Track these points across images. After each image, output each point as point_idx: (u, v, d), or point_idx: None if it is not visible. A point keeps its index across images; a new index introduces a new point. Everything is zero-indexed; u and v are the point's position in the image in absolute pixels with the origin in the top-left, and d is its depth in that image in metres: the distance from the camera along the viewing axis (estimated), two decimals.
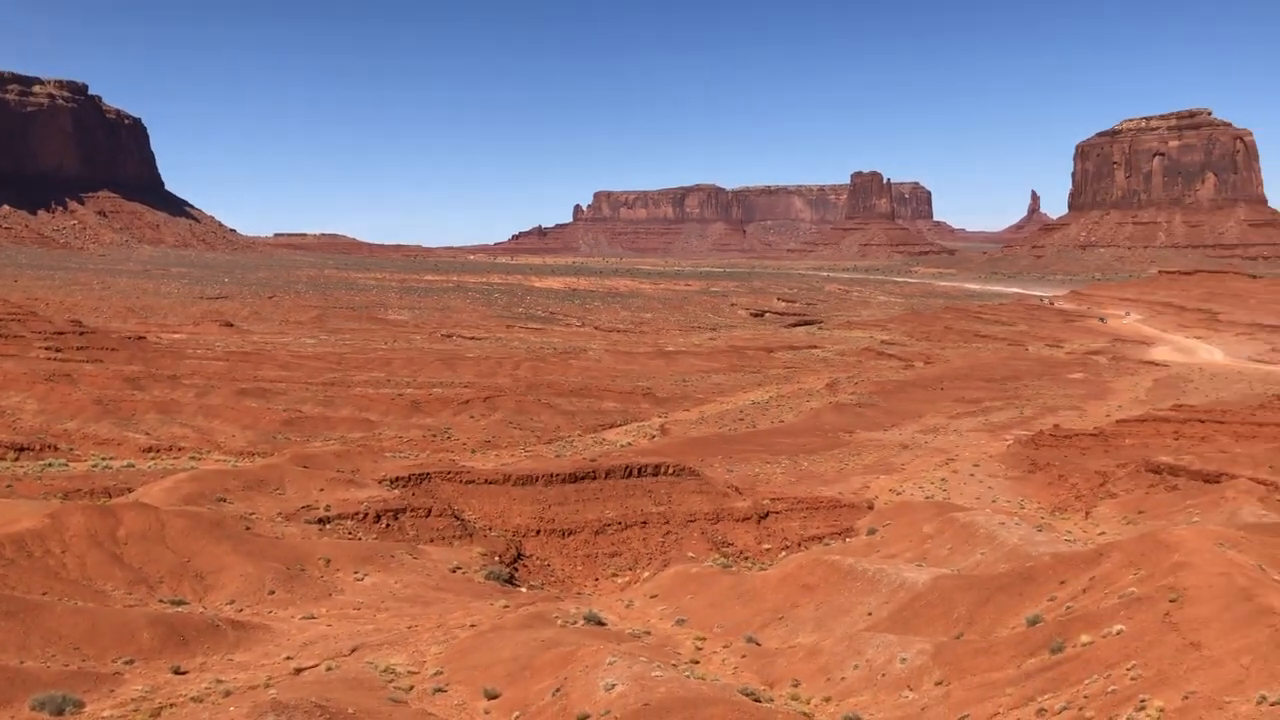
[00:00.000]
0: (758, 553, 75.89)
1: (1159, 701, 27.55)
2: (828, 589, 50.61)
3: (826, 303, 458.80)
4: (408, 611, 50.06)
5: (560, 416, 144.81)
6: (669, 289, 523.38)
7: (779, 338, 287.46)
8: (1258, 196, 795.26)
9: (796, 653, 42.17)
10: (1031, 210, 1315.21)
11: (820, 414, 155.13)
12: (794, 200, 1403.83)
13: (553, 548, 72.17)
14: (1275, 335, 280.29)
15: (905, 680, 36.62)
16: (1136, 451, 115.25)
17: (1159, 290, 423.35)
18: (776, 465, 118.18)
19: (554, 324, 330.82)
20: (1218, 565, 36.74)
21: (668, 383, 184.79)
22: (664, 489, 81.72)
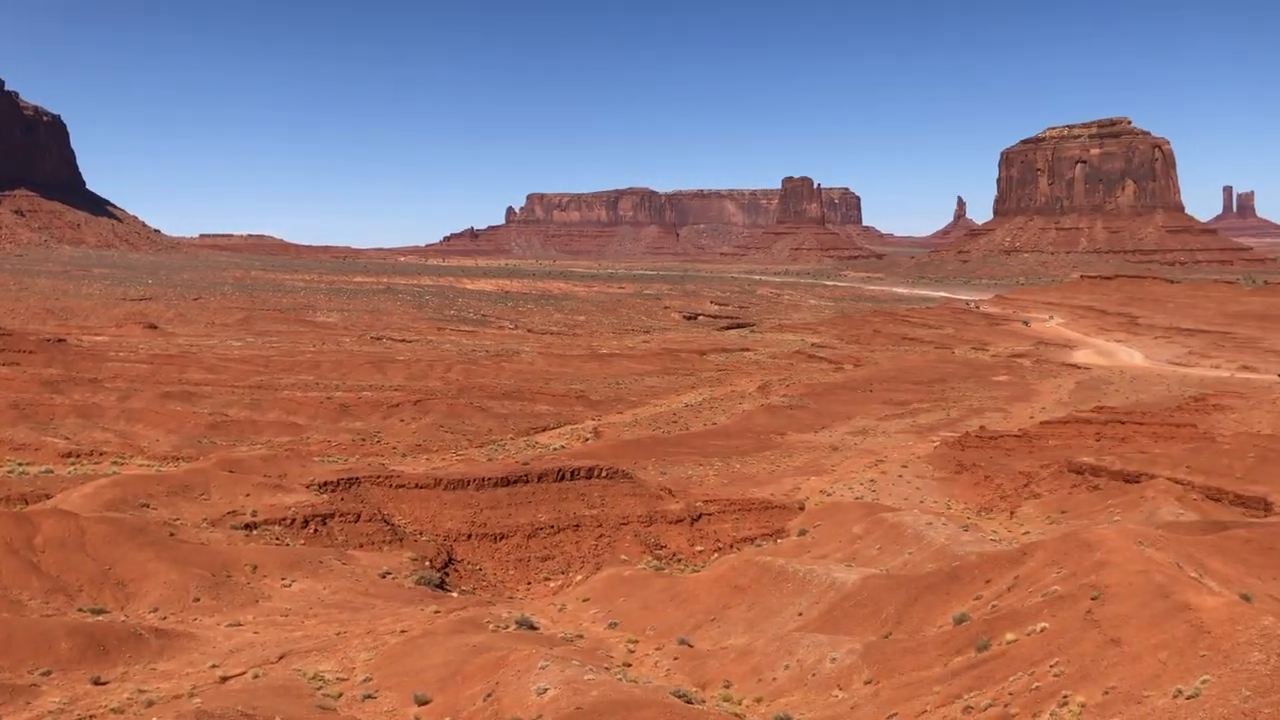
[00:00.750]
0: (690, 555, 76.16)
1: (1081, 697, 28.18)
2: (759, 590, 50.97)
3: (759, 306, 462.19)
4: (337, 618, 49.42)
5: (492, 420, 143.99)
6: (602, 291, 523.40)
7: (712, 340, 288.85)
8: (1175, 204, 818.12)
9: (728, 654, 42.39)
10: (958, 215, 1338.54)
11: (752, 416, 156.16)
12: (726, 204, 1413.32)
13: (485, 552, 71.73)
14: (1192, 339, 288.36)
15: (835, 680, 37.01)
16: (1059, 452, 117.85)
17: (1081, 295, 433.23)
18: (709, 467, 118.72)
19: (486, 326, 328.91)
20: (1137, 563, 37.66)
21: (601, 385, 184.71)
22: (597, 492, 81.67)
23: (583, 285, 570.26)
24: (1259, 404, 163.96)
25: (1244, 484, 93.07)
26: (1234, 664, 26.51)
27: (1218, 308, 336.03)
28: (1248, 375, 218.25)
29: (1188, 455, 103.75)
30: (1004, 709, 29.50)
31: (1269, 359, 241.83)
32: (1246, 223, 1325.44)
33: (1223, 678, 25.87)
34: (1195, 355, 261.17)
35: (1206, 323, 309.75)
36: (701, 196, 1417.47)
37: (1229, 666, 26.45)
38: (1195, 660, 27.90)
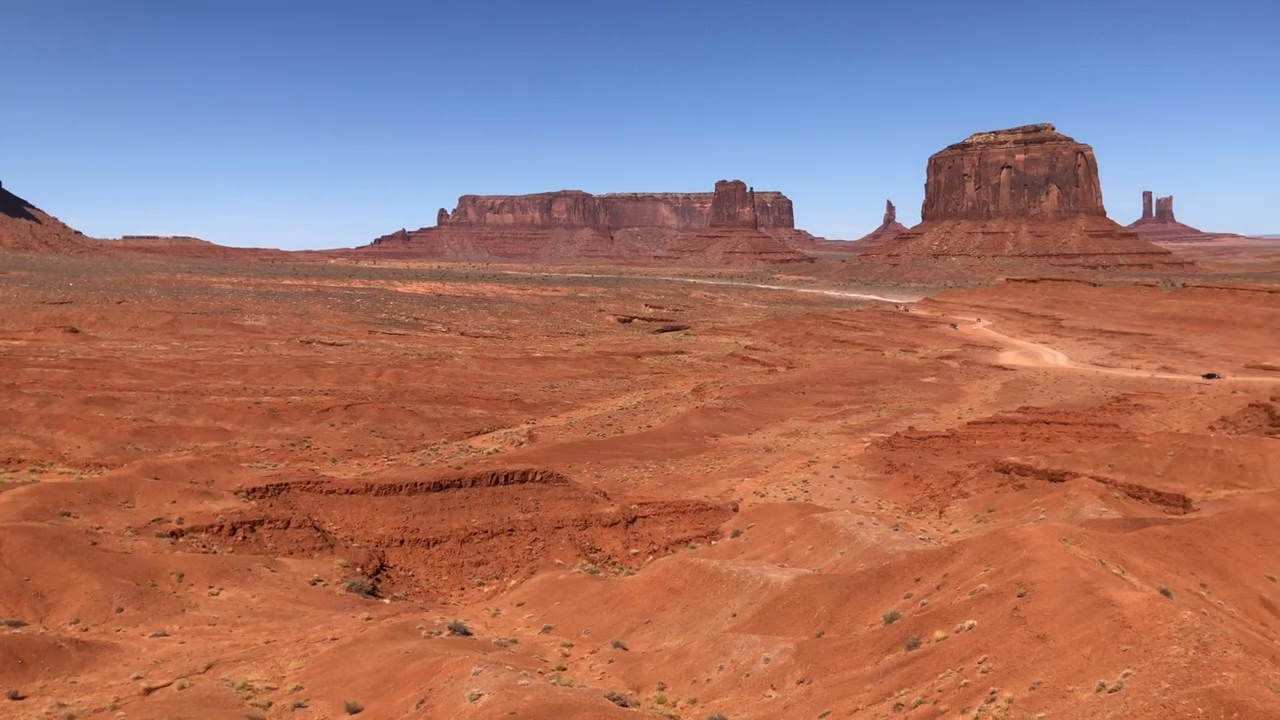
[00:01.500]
0: (625, 558, 76.21)
1: (1008, 693, 28.66)
2: (694, 592, 51.13)
3: (693, 309, 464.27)
4: (266, 626, 48.59)
5: (425, 424, 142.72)
6: (536, 294, 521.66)
7: (647, 343, 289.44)
8: (1097, 208, 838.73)
9: (663, 656, 42.45)
10: (887, 220, 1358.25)
11: (687, 418, 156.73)
12: (660, 207, 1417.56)
13: (417, 558, 71.05)
14: (1114, 340, 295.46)
15: (769, 680, 37.25)
16: (986, 452, 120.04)
17: (1007, 297, 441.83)
18: (644, 470, 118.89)
19: (418, 329, 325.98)
20: (1062, 561, 38.44)
21: (536, 389, 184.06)
22: (531, 496, 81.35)
23: (516, 288, 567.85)
24: (1178, 404, 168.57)
25: (1164, 482, 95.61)
26: (1154, 657, 27.17)
27: (1138, 310, 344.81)
28: (1167, 376, 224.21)
29: (1110, 454, 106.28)
30: (934, 706, 29.91)
31: (1187, 360, 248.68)
32: (1166, 227, 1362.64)
33: (1143, 671, 26.50)
34: (1117, 357, 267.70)
35: (1127, 325, 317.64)
36: (636, 199, 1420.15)
37: (1149, 660, 27.11)
38: (1117, 654, 28.53)
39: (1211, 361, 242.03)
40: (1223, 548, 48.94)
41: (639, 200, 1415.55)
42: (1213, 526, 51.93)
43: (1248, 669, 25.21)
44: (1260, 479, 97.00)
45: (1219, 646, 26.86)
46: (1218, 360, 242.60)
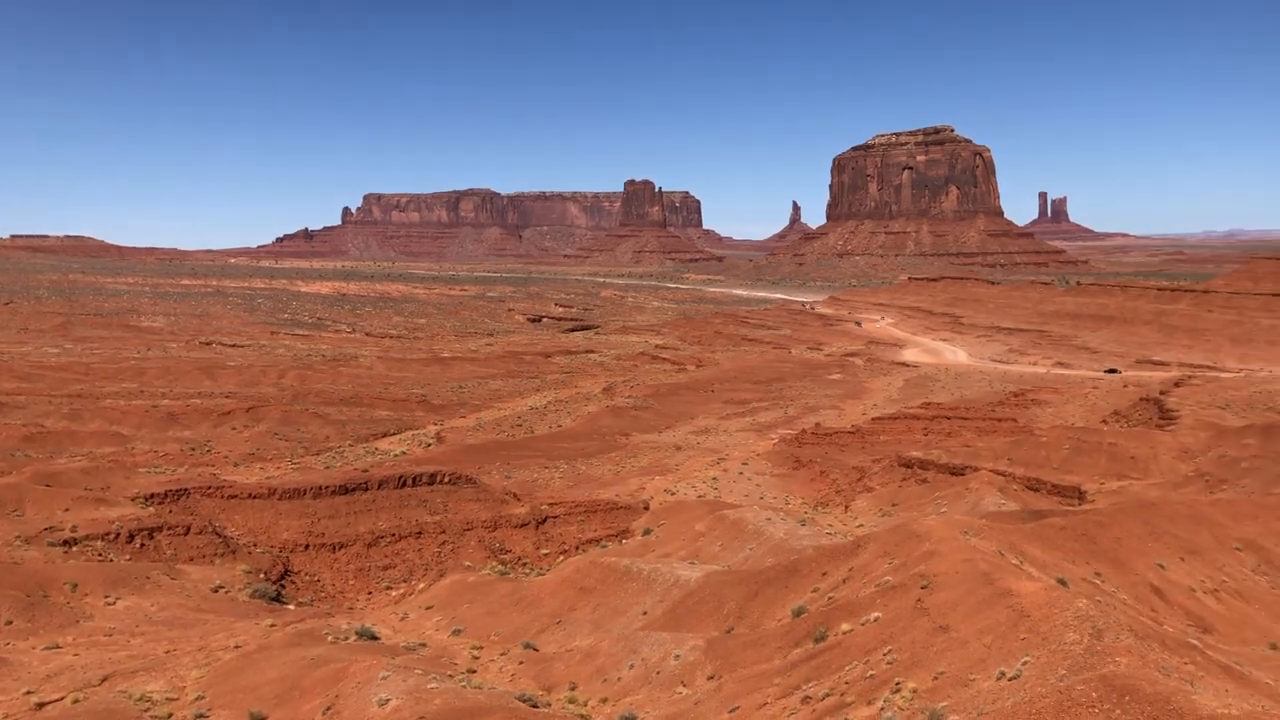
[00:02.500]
0: (536, 558, 75.89)
1: (912, 683, 29.24)
2: (605, 591, 51.15)
3: (603, 308, 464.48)
4: (165, 635, 47.24)
5: (330, 426, 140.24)
6: (444, 294, 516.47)
7: (556, 343, 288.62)
8: (995, 209, 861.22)
9: (574, 656, 42.39)
10: (793, 220, 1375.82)
11: (597, 418, 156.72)
12: (569, 206, 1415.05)
13: (323, 562, 69.78)
14: (1012, 337, 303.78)
15: (679, 677, 37.43)
16: (890, 447, 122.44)
17: (909, 296, 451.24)
18: (555, 470, 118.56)
19: (322, 330, 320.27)
20: (963, 552, 39.36)
21: (444, 389, 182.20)
22: (440, 498, 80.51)
23: (423, 288, 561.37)
24: (1072, 398, 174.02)
25: (1060, 474, 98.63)
26: (1051, 645, 27.98)
27: (1034, 307, 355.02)
28: (1062, 371, 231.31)
29: (1009, 448, 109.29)
30: (840, 698, 30.37)
31: (1081, 356, 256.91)
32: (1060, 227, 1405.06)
33: (1041, 659, 27.27)
34: (1014, 353, 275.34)
35: (1024, 322, 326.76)
36: (544, 198, 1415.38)
37: (1047, 648, 27.90)
38: (1017, 643, 29.32)
39: (1104, 357, 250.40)
40: (1116, 537, 50.62)
41: (547, 199, 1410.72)
42: (1106, 517, 53.70)
43: (1139, 654, 26.11)
44: (1150, 470, 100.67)
45: (1112, 633, 27.78)
46: (1110, 356, 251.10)
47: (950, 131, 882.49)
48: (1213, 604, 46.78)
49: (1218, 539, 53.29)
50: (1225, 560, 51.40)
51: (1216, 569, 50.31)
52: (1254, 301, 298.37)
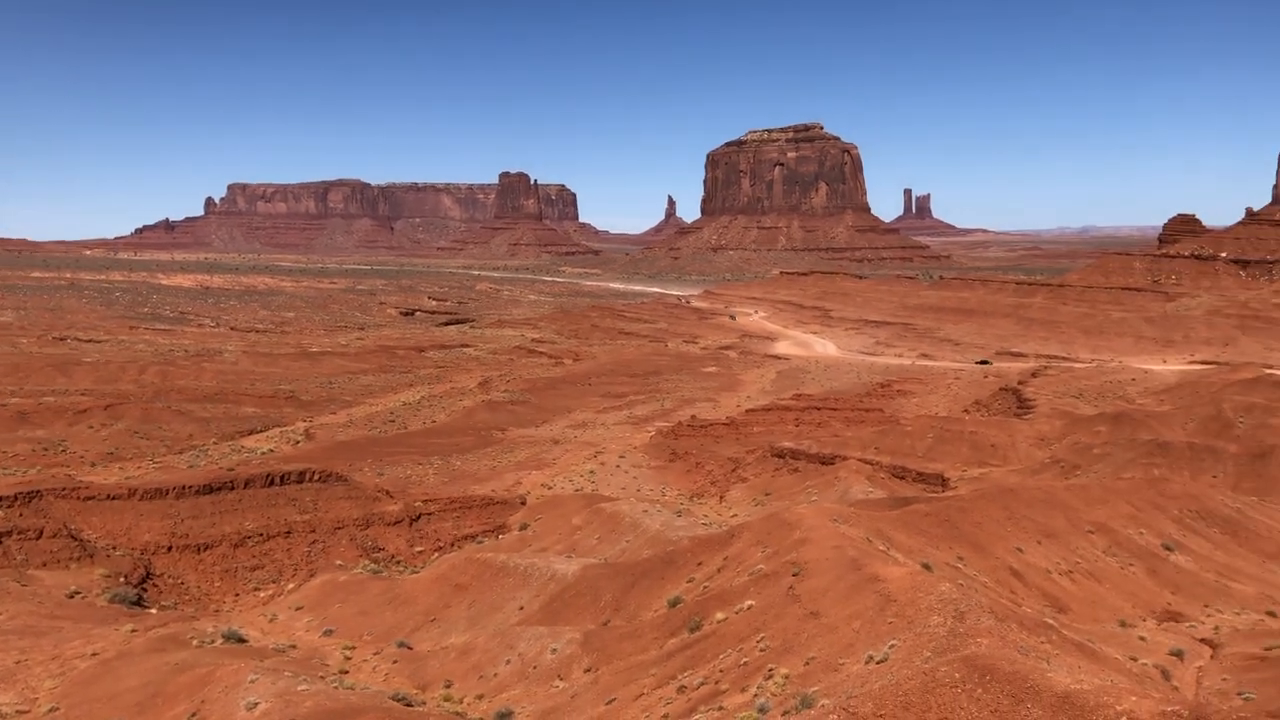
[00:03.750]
0: (410, 556, 74.80)
1: (784, 669, 29.81)
2: (480, 587, 50.75)
3: (478, 301, 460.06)
4: (16, 645, 44.95)
5: (193, 424, 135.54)
6: (312, 287, 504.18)
7: (430, 337, 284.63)
8: (862, 205, 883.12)
9: (449, 653, 41.95)
10: (669, 214, 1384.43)
11: (473, 412, 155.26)
12: (443, 198, 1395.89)
13: (187, 564, 67.41)
14: (879, 330, 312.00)
15: (556, 670, 37.40)
16: (764, 438, 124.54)
17: (781, 290, 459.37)
18: (429, 466, 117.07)
19: (185, 324, 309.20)
20: (832, 539, 40.31)
21: (313, 385, 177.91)
22: (310, 496, 78.62)
23: (291, 280, 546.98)
24: (936, 389, 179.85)
25: (924, 462, 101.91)
26: (917, 628, 28.86)
27: (899, 301, 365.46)
28: (926, 363, 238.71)
29: (876, 437, 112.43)
30: (715, 686, 30.78)
31: (944, 348, 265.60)
32: (924, 223, 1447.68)
33: (907, 641, 28.11)
34: (881, 345, 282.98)
35: (890, 315, 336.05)
36: (417, 190, 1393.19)
37: (912, 631, 28.78)
38: (884, 627, 30.16)
39: (966, 349, 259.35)
40: (977, 523, 52.54)
41: (420, 190, 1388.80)
42: (968, 503, 55.69)
43: (998, 634, 27.15)
44: (1010, 457, 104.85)
45: (973, 615, 28.81)
46: (972, 348, 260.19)
47: (820, 129, 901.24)
48: (1067, 584, 48.96)
49: (1072, 522, 55.80)
50: (1079, 543, 53.86)
51: (1071, 551, 52.68)
52: (1105, 295, 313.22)
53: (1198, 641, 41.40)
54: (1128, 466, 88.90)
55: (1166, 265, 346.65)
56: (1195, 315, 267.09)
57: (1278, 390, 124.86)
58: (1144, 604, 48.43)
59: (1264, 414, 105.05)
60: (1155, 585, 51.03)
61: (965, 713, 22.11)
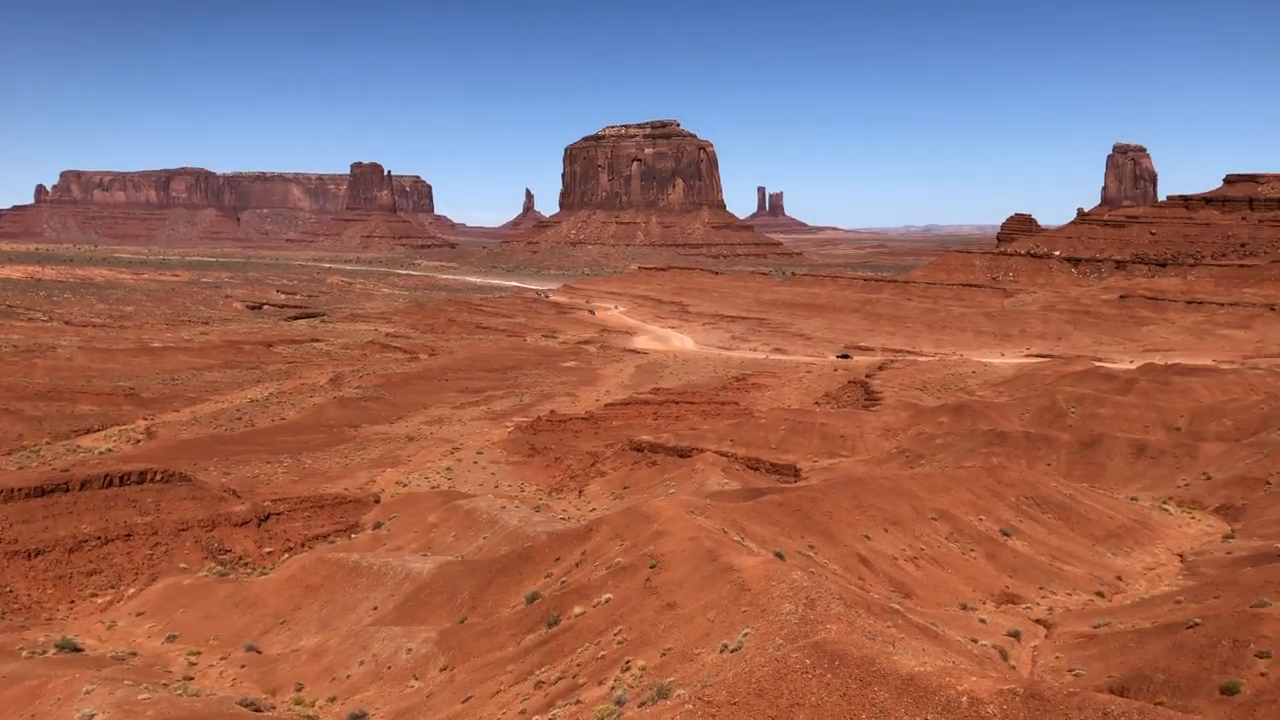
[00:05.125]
0: (259, 557, 72.58)
1: (641, 661, 30.09)
2: (333, 587, 49.65)
3: (329, 295, 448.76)
4: None
5: (23, 423, 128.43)
6: (154, 280, 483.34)
7: (279, 331, 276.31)
8: (718, 202, 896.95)
9: (300, 656, 40.91)
10: (527, 207, 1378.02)
11: (324, 409, 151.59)
12: (292, 188, 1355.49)
13: (16, 571, 63.81)
14: (734, 325, 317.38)
15: (411, 670, 36.88)
16: (622, 432, 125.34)
17: (639, 285, 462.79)
18: (279, 464, 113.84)
19: (14, 319, 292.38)
20: (689, 531, 40.84)
21: (154, 382, 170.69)
22: (151, 498, 75.40)
23: (130, 273, 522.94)
24: (788, 382, 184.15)
25: (778, 453, 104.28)
26: (770, 616, 29.51)
27: (754, 296, 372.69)
28: (780, 357, 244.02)
29: (731, 430, 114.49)
30: (573, 680, 30.85)
31: (796, 342, 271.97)
32: (777, 220, 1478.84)
33: (761, 630, 28.71)
34: (737, 339, 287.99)
35: (745, 310, 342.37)
36: (264, 179, 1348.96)
37: (765, 619, 29.41)
38: (738, 616, 30.73)
39: (818, 343, 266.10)
40: (827, 512, 54.01)
41: (268, 180, 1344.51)
42: (818, 493, 57.19)
43: (847, 620, 27.99)
44: (858, 448, 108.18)
45: (824, 602, 29.63)
46: (822, 342, 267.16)
47: (676, 126, 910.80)
48: (912, 570, 50.80)
49: (916, 510, 57.91)
50: (923, 529, 55.94)
51: (916, 538, 54.66)
52: (947, 291, 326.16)
53: (1033, 622, 43.51)
54: (968, 456, 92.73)
55: (1004, 263, 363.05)
56: (1031, 311, 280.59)
57: (1106, 382, 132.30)
58: (984, 587, 50.62)
59: (1093, 404, 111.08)
60: (994, 569, 53.40)
61: (815, 697, 22.72)
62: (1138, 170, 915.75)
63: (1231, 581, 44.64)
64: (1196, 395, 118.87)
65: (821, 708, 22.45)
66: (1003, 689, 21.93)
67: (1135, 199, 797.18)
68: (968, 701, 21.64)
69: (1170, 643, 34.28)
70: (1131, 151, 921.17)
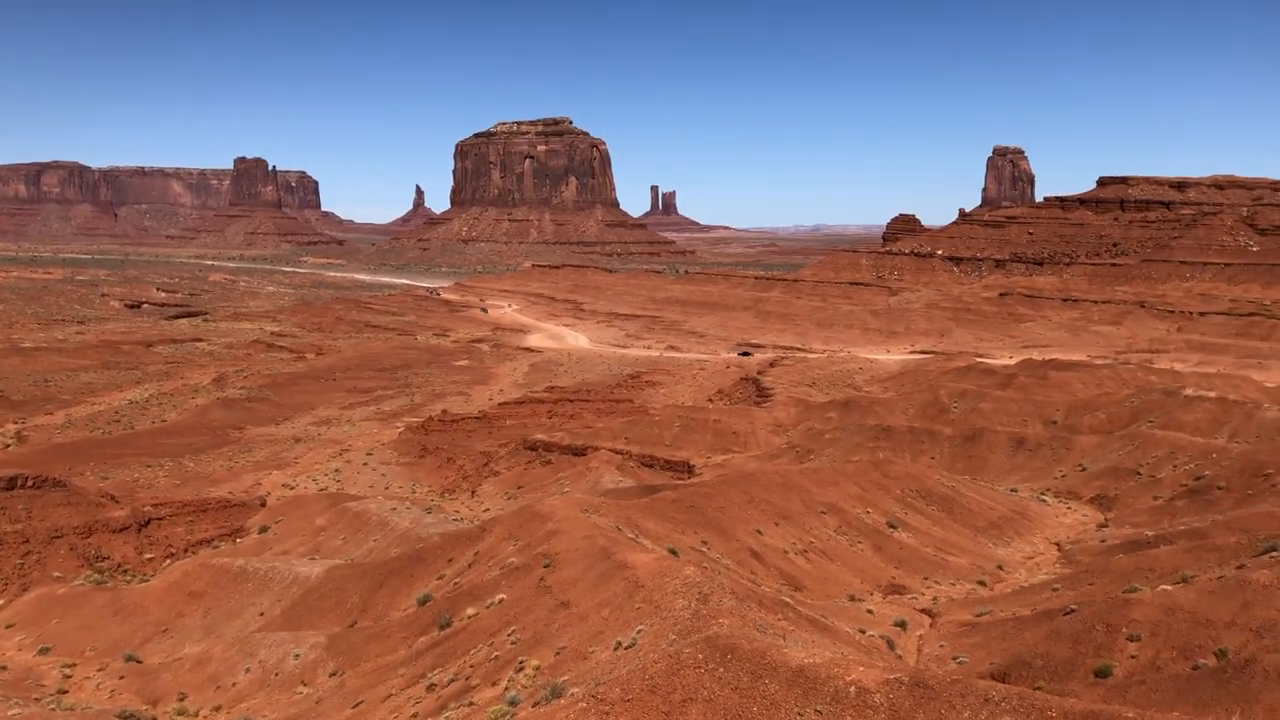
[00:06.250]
0: (139, 564, 70.12)
1: (535, 660, 29.99)
2: (217, 594, 48.31)
3: (212, 293, 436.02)
4: None
5: None
6: (24, 277, 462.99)
7: (159, 331, 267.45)
8: (612, 200, 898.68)
9: (183, 665, 39.70)
10: (417, 204, 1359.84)
11: (208, 411, 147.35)
12: (172, 183, 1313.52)
13: None
14: (629, 323, 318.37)
15: (300, 676, 36.11)
16: (516, 431, 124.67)
17: (533, 283, 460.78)
18: (159, 468, 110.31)
19: None
20: (583, 530, 40.85)
21: (25, 383, 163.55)
22: (22, 504, 72.15)
23: None
24: (682, 379, 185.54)
25: (672, 450, 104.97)
26: (663, 613, 29.70)
27: (648, 295, 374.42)
28: (673, 354, 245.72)
29: (626, 427, 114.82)
30: (465, 682, 30.58)
31: (690, 340, 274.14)
32: (671, 219, 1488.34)
33: (654, 626, 28.88)
34: (631, 338, 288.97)
35: (639, 308, 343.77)
36: (143, 174, 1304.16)
37: (659, 616, 29.59)
38: (632, 613, 30.85)
39: (710, 341, 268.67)
40: (720, 507, 54.61)
41: (147, 175, 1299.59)
42: (711, 489, 57.80)
43: (739, 614, 28.33)
44: (750, 444, 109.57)
45: (716, 597, 29.94)
46: (715, 340, 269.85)
47: (569, 124, 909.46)
48: (803, 563, 51.70)
49: (806, 504, 58.95)
50: (813, 523, 56.98)
51: (805, 531, 55.65)
52: (835, 290, 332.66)
53: (919, 612, 44.68)
54: (856, 450, 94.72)
55: (890, 262, 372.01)
56: (915, 308, 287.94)
57: (987, 378, 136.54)
58: (871, 579, 51.79)
59: (975, 399, 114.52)
60: (881, 561, 54.68)
61: (708, 691, 22.96)
62: (1016, 172, 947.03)
63: (1105, 569, 46.50)
64: (1072, 390, 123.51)
65: (714, 702, 22.70)
66: (889, 678, 22.49)
67: (1014, 200, 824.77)
68: (855, 691, 22.13)
69: (1048, 629, 35.56)
70: (1010, 154, 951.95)
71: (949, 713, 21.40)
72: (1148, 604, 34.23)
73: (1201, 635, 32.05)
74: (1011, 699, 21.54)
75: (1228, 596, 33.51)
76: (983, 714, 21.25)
